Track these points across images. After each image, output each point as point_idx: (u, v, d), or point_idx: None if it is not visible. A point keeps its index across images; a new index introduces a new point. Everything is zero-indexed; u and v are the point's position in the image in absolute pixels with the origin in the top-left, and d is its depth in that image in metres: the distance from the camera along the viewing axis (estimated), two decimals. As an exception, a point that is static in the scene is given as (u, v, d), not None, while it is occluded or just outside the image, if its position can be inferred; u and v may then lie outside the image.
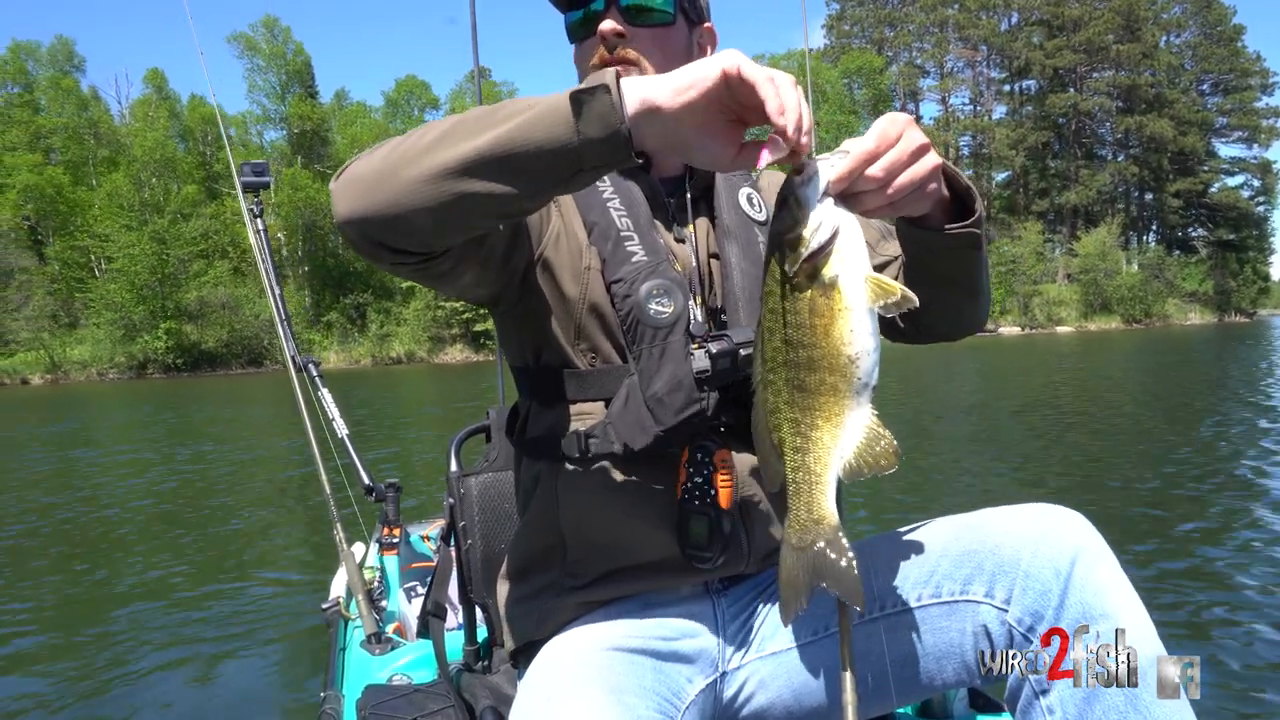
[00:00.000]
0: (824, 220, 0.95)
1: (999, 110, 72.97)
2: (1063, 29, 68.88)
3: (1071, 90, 69.82)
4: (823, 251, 0.95)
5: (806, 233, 0.95)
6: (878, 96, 66.93)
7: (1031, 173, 70.47)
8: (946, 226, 1.12)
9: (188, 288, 45.88)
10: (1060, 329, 57.61)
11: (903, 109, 71.21)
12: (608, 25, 1.25)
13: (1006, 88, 73.66)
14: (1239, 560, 4.70)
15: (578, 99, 0.90)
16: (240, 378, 38.89)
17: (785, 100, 0.89)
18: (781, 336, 0.99)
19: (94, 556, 6.13)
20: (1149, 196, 72.75)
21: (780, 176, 1.52)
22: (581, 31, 1.30)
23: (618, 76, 0.92)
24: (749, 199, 1.38)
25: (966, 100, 72.80)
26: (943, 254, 1.16)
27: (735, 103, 0.91)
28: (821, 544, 1.02)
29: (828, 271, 0.96)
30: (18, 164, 47.27)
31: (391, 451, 10.57)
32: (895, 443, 0.98)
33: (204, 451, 12.10)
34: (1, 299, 45.12)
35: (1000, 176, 72.19)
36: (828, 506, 1.01)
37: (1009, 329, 57.79)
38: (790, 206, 0.97)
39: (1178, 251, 71.27)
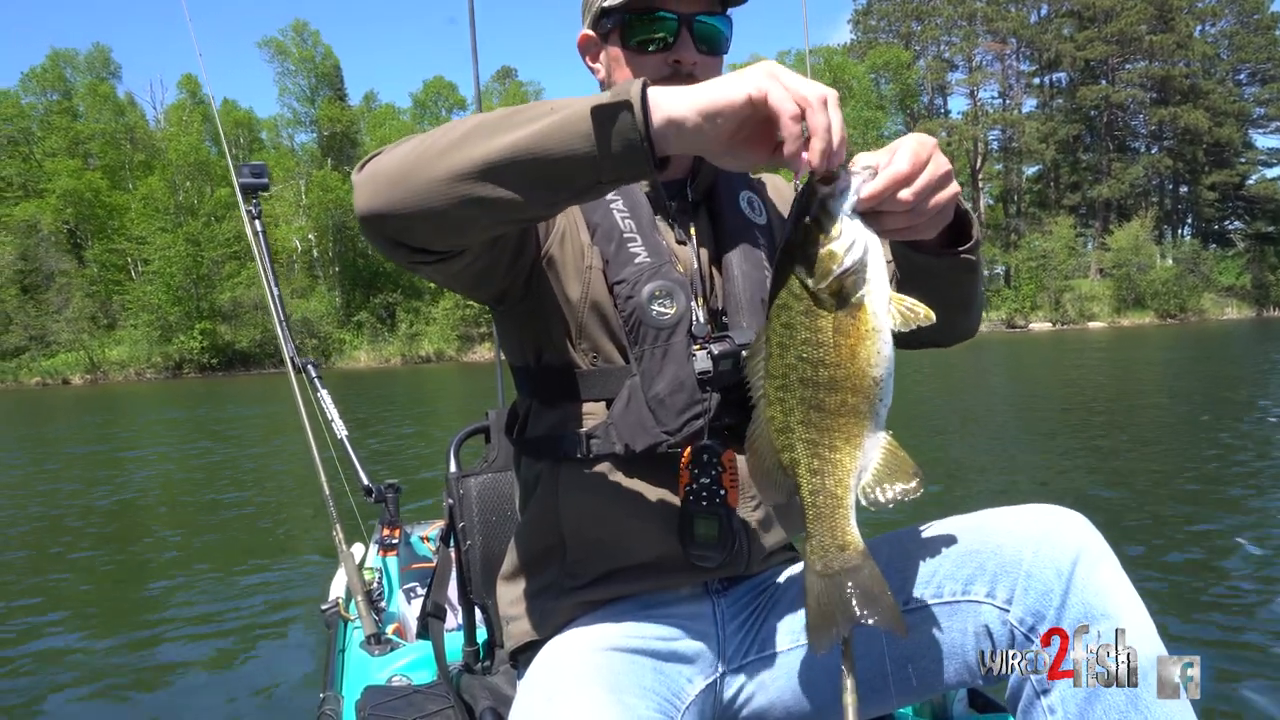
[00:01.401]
0: (855, 237, 0.92)
1: (1029, 103, 71.90)
2: (1094, 20, 67.63)
3: (1103, 82, 68.58)
4: (853, 270, 0.92)
5: (840, 249, 0.92)
6: (905, 91, 66.21)
7: (1062, 166, 69.31)
8: (958, 251, 1.12)
9: (222, 289, 46.51)
10: (1093, 324, 56.63)
11: (930, 103, 70.51)
12: (688, 56, 1.23)
13: (1036, 80, 72.57)
14: (1241, 560, 4.64)
15: (599, 113, 0.88)
16: (273, 376, 39.29)
17: (814, 125, 0.86)
18: (797, 354, 0.95)
19: (95, 556, 6.21)
20: (1184, 189, 71.28)
21: (779, 178, 1.50)
22: (646, 43, 1.25)
23: (643, 92, 0.89)
24: (749, 202, 1.38)
25: (995, 94, 71.69)
26: (940, 274, 1.16)
27: (764, 118, 0.89)
28: (850, 571, 1.00)
29: (856, 291, 0.93)
30: (58, 169, 48.22)
31: (394, 449, 10.58)
32: (915, 464, 0.97)
33: (210, 451, 12.17)
34: (43, 301, 46.13)
35: (1030, 170, 71.13)
36: (853, 531, 0.99)
37: (1040, 325, 56.93)
38: (819, 218, 0.92)
39: (1214, 245, 69.62)
